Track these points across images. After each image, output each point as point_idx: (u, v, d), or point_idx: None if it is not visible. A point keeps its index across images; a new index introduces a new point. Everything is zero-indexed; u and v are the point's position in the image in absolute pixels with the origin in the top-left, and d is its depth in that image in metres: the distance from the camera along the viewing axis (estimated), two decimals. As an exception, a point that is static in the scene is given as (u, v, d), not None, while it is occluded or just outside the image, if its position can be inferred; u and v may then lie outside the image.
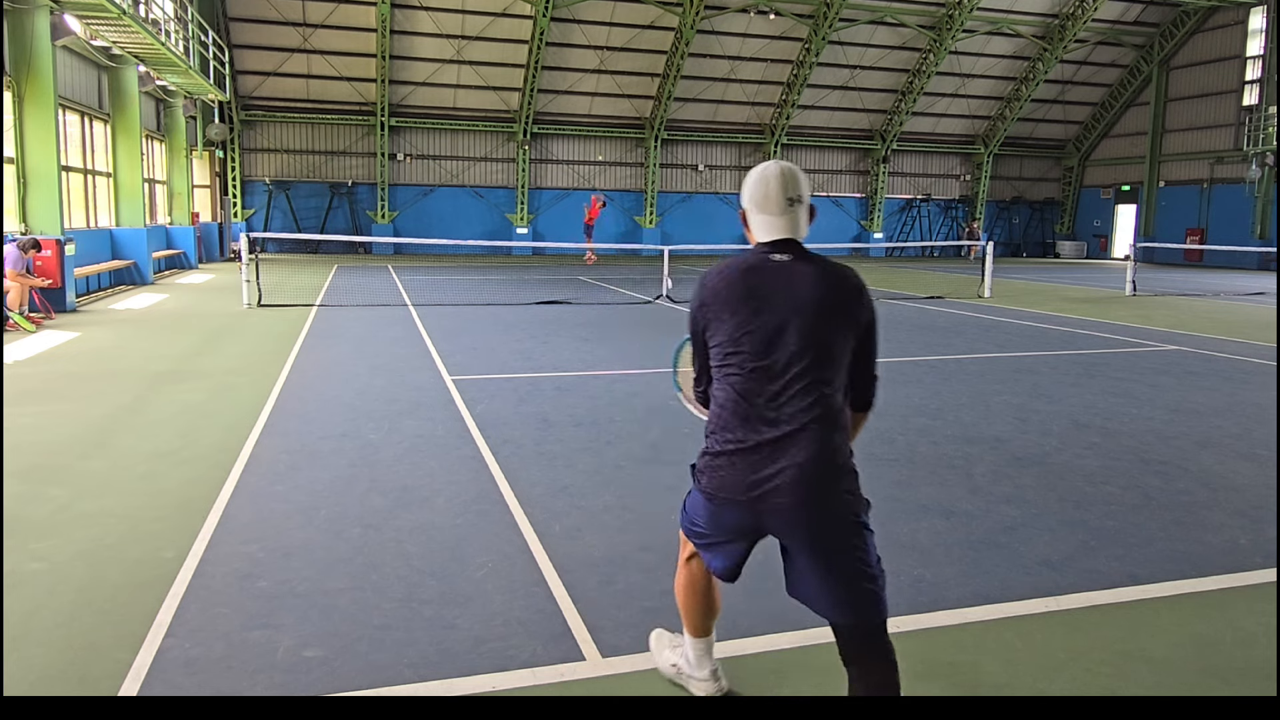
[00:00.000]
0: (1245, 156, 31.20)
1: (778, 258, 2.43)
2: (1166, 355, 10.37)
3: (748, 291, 2.41)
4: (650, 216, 33.64)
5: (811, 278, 2.41)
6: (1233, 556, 4.17)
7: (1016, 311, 15.00)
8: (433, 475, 5.27)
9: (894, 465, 5.60)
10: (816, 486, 2.34)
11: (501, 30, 29.16)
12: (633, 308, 14.91)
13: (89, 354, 9.66)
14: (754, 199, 2.49)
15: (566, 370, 8.82)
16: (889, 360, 9.61)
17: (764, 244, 2.47)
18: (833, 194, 36.12)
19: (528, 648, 3.21)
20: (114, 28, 15.44)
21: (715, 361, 2.47)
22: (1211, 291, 20.33)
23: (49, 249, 12.95)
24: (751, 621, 3.41)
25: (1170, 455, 5.94)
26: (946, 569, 3.97)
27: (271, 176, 30.58)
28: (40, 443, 5.91)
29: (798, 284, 2.40)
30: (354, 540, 4.21)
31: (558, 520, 4.52)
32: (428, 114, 31.19)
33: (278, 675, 3.01)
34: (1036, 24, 32.36)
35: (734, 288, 2.43)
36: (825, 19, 29.52)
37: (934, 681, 3.03)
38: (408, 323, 12.31)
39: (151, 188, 21.84)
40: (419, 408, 7.06)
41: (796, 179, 2.47)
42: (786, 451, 2.34)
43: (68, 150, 16.31)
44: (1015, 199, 38.87)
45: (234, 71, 28.54)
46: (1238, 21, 32.00)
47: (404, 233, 30.96)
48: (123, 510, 4.62)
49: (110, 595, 3.61)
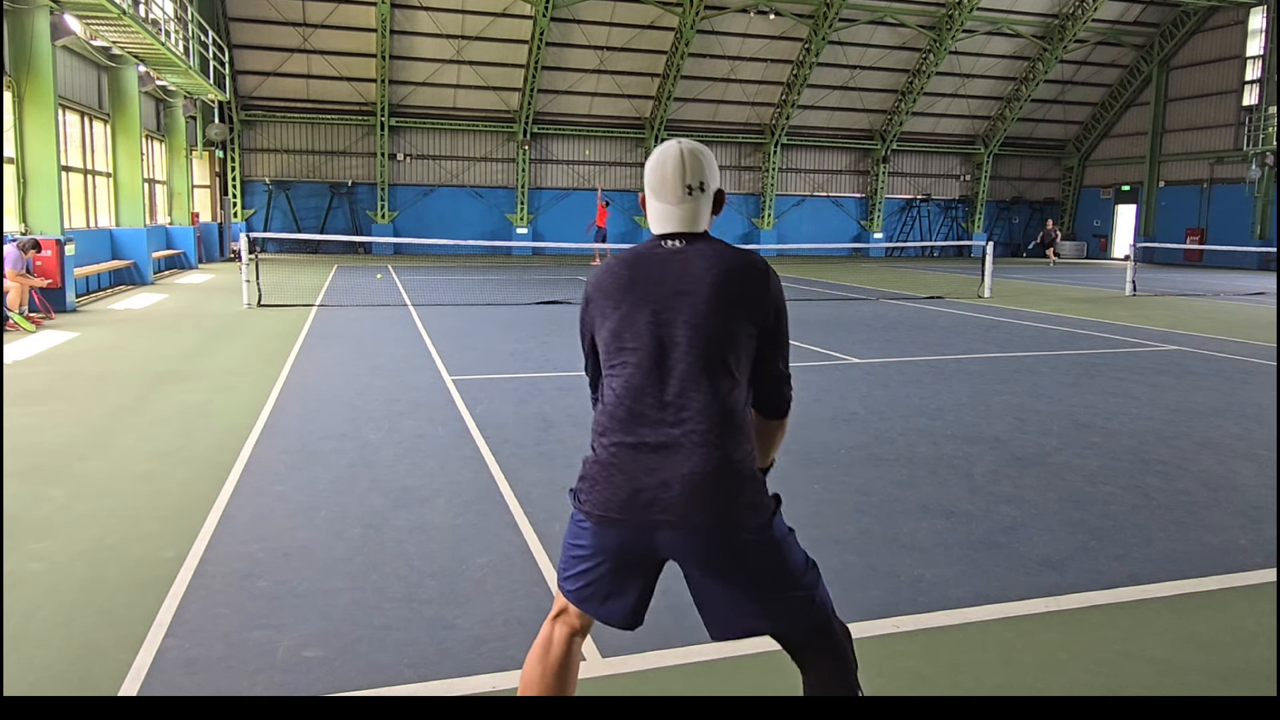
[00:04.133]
0: (1245, 156, 31.19)
1: (668, 244, 2.18)
2: (1166, 355, 10.37)
3: (631, 282, 2.15)
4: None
5: (706, 262, 2.13)
6: (1233, 556, 4.17)
7: (1016, 311, 15.00)
8: (433, 475, 5.27)
9: (894, 465, 5.60)
10: (709, 500, 2.04)
11: (501, 30, 29.14)
12: (633, 308, 14.89)
13: (89, 354, 9.66)
14: (650, 184, 2.21)
15: (566, 370, 8.82)
16: (889, 360, 9.62)
17: (657, 235, 2.21)
18: (833, 194, 36.11)
19: (527, 648, 3.19)
20: (114, 28, 15.44)
21: (604, 360, 2.20)
22: (1211, 291, 20.33)
23: (49, 249, 12.95)
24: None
25: (1170, 455, 5.94)
26: (946, 569, 3.97)
27: (271, 176, 30.56)
28: (40, 443, 5.91)
29: (689, 270, 2.13)
30: (354, 540, 4.21)
31: (558, 520, 4.51)
32: (428, 114, 31.18)
33: (278, 675, 3.01)
34: (1036, 24, 32.35)
35: (617, 279, 2.17)
36: (825, 19, 29.51)
37: (934, 681, 3.03)
38: (408, 323, 12.31)
39: (151, 188, 21.83)
40: (419, 408, 7.06)
41: (700, 164, 2.18)
42: (671, 459, 2.05)
43: (68, 150, 16.31)
44: (1015, 199, 38.85)
45: (234, 71, 28.53)
46: (1238, 21, 31.98)
47: (404, 233, 30.95)
48: (123, 510, 4.62)
49: (110, 595, 3.61)
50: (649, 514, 2.05)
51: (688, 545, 2.07)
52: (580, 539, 2.17)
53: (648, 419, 2.09)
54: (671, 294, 2.11)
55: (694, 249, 2.16)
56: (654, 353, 2.10)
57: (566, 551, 2.22)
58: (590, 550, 2.15)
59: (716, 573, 2.09)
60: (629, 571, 2.16)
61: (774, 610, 2.12)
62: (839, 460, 5.69)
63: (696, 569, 2.11)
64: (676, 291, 2.11)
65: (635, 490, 2.06)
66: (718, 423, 2.06)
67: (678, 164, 2.15)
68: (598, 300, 2.20)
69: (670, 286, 2.12)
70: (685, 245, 2.16)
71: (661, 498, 2.04)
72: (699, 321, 2.08)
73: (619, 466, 2.09)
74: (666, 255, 2.16)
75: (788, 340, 2.23)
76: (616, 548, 2.12)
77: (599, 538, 2.13)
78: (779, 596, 2.11)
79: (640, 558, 2.14)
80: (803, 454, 5.77)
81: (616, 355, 2.15)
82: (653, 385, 2.09)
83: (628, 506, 2.06)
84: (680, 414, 2.07)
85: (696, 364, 2.08)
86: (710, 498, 2.04)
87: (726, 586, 2.10)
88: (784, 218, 35.41)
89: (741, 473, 2.08)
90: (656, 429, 2.08)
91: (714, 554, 2.07)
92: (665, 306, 2.10)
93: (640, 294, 2.13)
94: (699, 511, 2.03)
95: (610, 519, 2.09)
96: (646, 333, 2.11)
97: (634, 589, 2.17)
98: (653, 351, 2.10)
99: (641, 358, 2.11)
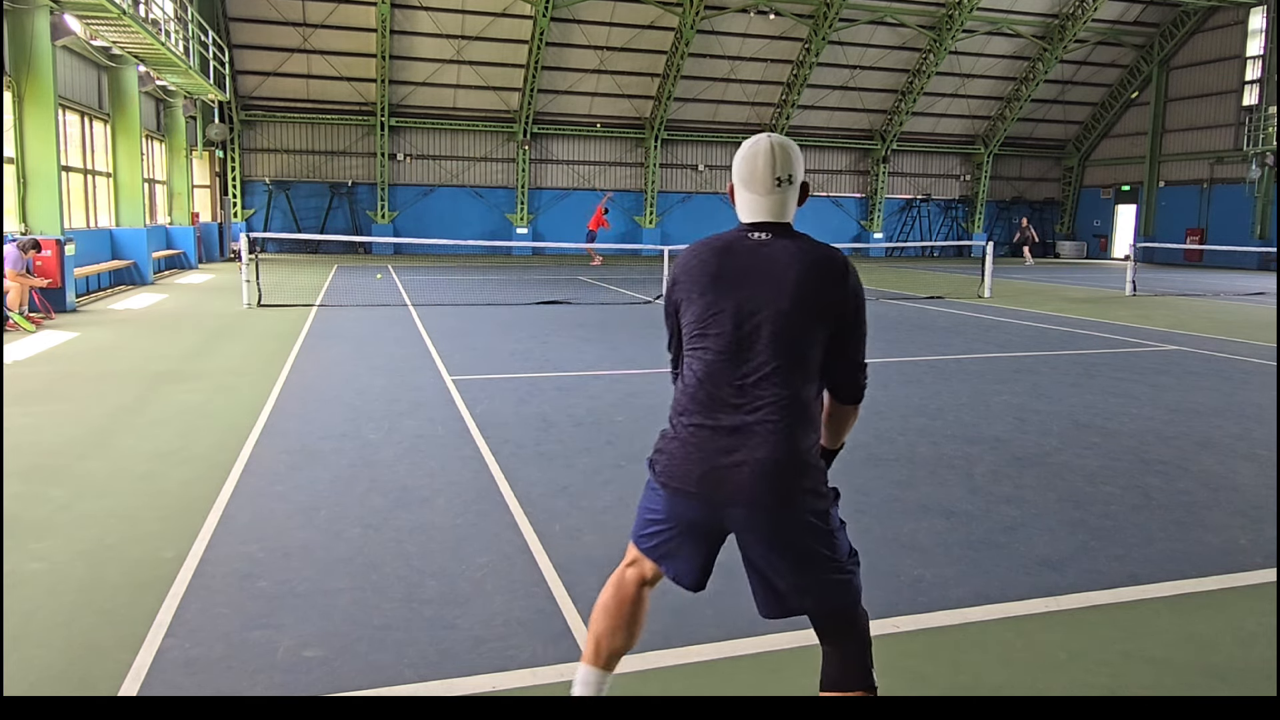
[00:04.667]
0: (1245, 156, 31.18)
1: (755, 236, 2.32)
2: (1166, 355, 10.37)
3: (720, 271, 2.30)
4: (650, 216, 33.62)
5: (789, 258, 2.27)
6: (1233, 556, 4.17)
7: (1016, 311, 15.00)
8: (433, 475, 5.27)
9: (894, 465, 5.60)
10: (776, 484, 2.22)
11: (501, 30, 29.14)
12: (633, 308, 14.91)
13: (89, 354, 9.66)
14: (740, 175, 2.35)
15: (566, 370, 8.82)
16: (889, 360, 9.61)
17: (745, 224, 2.36)
18: (833, 194, 36.11)
19: (528, 648, 3.21)
20: (114, 28, 15.44)
21: (686, 343, 2.37)
22: (1211, 291, 20.33)
23: (49, 249, 12.95)
24: (751, 622, 3.41)
25: (1170, 455, 5.94)
26: (946, 569, 3.97)
27: (271, 176, 30.56)
28: (40, 443, 5.91)
29: (774, 264, 2.27)
30: (354, 540, 4.21)
31: (558, 520, 4.52)
32: (428, 114, 31.18)
33: (278, 675, 3.01)
34: (1036, 24, 32.35)
35: (706, 266, 2.32)
36: (825, 19, 29.50)
37: (934, 681, 3.03)
38: (408, 323, 12.31)
39: (151, 188, 21.83)
40: (419, 408, 7.06)
41: (789, 157, 2.32)
42: (746, 443, 2.22)
43: (68, 150, 16.31)
44: (1015, 199, 38.85)
45: (234, 71, 28.53)
46: (1238, 21, 31.98)
47: (404, 233, 30.95)
48: (123, 510, 4.62)
49: (110, 595, 3.61)
50: (720, 491, 2.25)
51: (752, 522, 2.26)
52: (655, 503, 2.41)
53: (725, 403, 2.27)
54: (756, 286, 2.27)
55: (779, 243, 2.30)
56: (734, 341, 2.27)
57: (641, 514, 2.46)
58: (663, 515, 2.39)
59: (775, 550, 2.28)
60: (696, 538, 2.38)
61: (819, 588, 2.30)
62: (839, 460, 5.67)
63: (757, 545, 2.29)
64: (761, 284, 2.26)
65: (709, 469, 2.26)
66: (790, 413, 2.24)
67: (768, 157, 2.29)
68: (684, 284, 2.36)
69: (755, 279, 2.28)
70: (771, 238, 2.31)
71: (733, 478, 2.23)
72: (779, 315, 2.25)
73: (696, 445, 2.28)
74: (754, 247, 2.30)
75: (865, 333, 2.37)
76: (687, 517, 2.34)
77: (672, 505, 2.35)
78: (825, 577, 2.30)
79: (708, 528, 2.36)
80: (803, 454, 5.76)
81: (699, 340, 2.31)
82: (731, 372, 2.27)
83: (701, 482, 2.27)
84: (755, 402, 2.24)
85: (774, 355, 2.25)
86: (777, 483, 2.23)
87: (781, 562, 2.29)
88: (784, 218, 35.36)
89: (808, 461, 2.28)
90: (733, 414, 2.26)
91: (775, 533, 2.26)
92: (749, 298, 2.26)
93: (727, 284, 2.29)
94: (767, 494, 2.23)
95: (684, 491, 2.30)
96: (729, 321, 2.27)
97: (700, 554, 2.39)
98: (733, 340, 2.27)
99: (723, 345, 2.28)
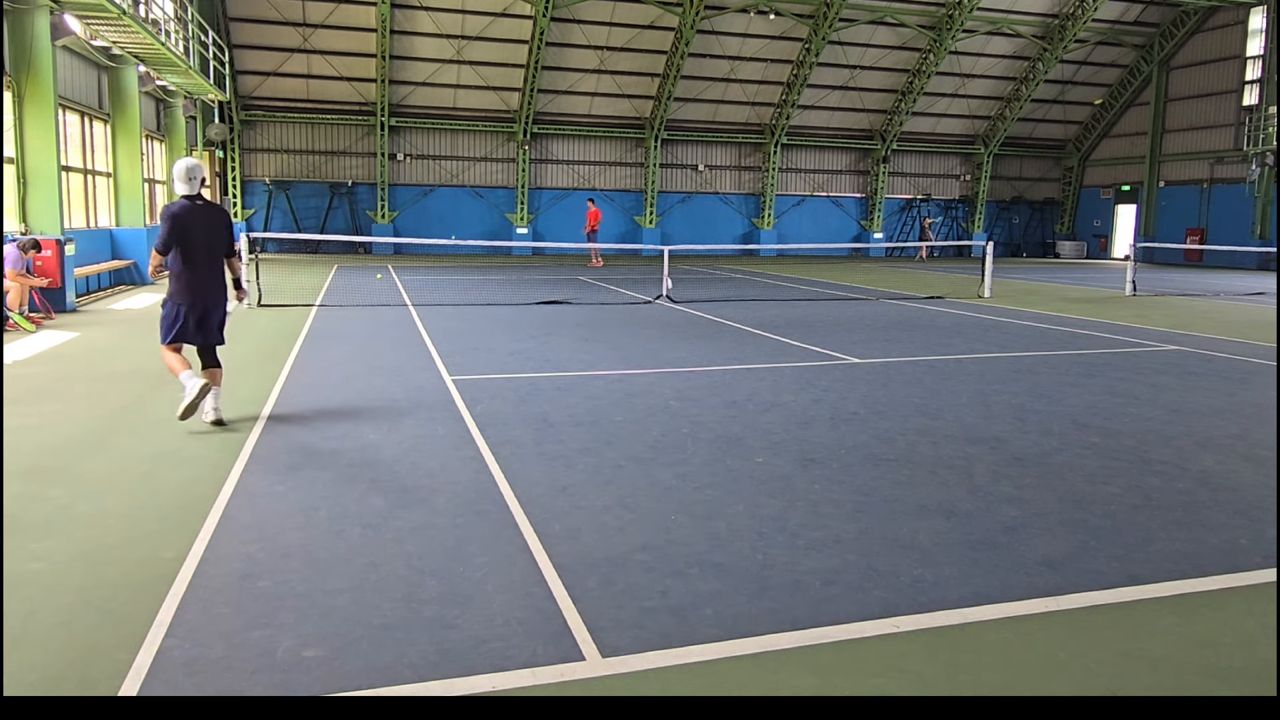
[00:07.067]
0: (1245, 156, 31.19)
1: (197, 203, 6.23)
2: (1166, 355, 10.37)
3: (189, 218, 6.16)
4: (650, 216, 33.62)
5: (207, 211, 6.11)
6: (1233, 556, 4.17)
7: (1016, 311, 15.00)
8: (433, 475, 5.27)
9: (894, 465, 5.60)
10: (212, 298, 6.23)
11: (501, 30, 29.15)
12: (633, 308, 14.91)
13: (89, 354, 9.66)
14: (178, 178, 6.11)
15: (566, 370, 8.82)
16: (889, 360, 9.62)
17: (185, 196, 6.17)
18: (833, 194, 36.11)
19: (528, 648, 3.21)
20: (114, 28, 15.44)
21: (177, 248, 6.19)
22: (1211, 291, 20.33)
23: (49, 249, 12.95)
24: (751, 622, 3.41)
25: (1170, 455, 5.94)
26: (946, 569, 3.97)
27: (271, 176, 30.57)
28: (40, 443, 5.91)
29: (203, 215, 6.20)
30: (354, 540, 4.22)
31: (558, 520, 4.52)
32: (428, 114, 31.18)
33: (278, 675, 3.01)
34: (1036, 24, 32.36)
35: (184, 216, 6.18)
36: (825, 19, 29.50)
37: (934, 681, 3.03)
38: (408, 323, 12.31)
39: (151, 188, 21.85)
40: (419, 408, 7.06)
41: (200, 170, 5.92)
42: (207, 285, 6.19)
43: (68, 150, 16.31)
44: (1015, 199, 38.85)
45: (234, 71, 28.53)
46: (1238, 21, 31.98)
47: (404, 233, 30.96)
48: (123, 510, 4.63)
49: (110, 595, 3.61)
50: (195, 303, 5.93)
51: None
52: (173, 315, 5.63)
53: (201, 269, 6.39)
54: (202, 225, 6.54)
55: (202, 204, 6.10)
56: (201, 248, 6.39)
57: (165, 321, 5.62)
58: (177, 313, 6.17)
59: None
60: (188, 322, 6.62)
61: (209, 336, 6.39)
62: (839, 460, 5.69)
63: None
64: (203, 224, 5.95)
65: (196, 294, 6.49)
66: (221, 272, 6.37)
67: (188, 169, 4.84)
68: (182, 221, 6.10)
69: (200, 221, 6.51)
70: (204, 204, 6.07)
71: (202, 299, 6.01)
72: (209, 235, 6.53)
73: (185, 285, 5.93)
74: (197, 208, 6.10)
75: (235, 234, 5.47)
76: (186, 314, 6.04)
77: (181, 313, 5.84)
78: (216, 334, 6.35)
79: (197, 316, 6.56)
80: (803, 454, 5.77)
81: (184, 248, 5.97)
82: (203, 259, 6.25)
83: (190, 298, 6.46)
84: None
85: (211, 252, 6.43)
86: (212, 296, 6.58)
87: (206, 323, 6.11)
88: (784, 218, 35.41)
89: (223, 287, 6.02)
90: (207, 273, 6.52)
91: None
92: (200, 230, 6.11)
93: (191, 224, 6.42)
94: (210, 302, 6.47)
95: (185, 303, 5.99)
96: (200, 240, 6.50)
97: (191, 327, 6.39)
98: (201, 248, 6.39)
99: (196, 250, 5.53)
